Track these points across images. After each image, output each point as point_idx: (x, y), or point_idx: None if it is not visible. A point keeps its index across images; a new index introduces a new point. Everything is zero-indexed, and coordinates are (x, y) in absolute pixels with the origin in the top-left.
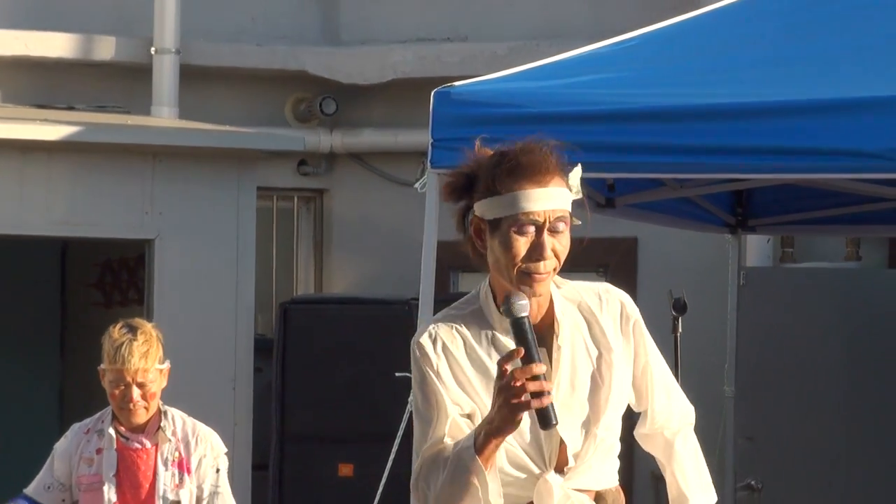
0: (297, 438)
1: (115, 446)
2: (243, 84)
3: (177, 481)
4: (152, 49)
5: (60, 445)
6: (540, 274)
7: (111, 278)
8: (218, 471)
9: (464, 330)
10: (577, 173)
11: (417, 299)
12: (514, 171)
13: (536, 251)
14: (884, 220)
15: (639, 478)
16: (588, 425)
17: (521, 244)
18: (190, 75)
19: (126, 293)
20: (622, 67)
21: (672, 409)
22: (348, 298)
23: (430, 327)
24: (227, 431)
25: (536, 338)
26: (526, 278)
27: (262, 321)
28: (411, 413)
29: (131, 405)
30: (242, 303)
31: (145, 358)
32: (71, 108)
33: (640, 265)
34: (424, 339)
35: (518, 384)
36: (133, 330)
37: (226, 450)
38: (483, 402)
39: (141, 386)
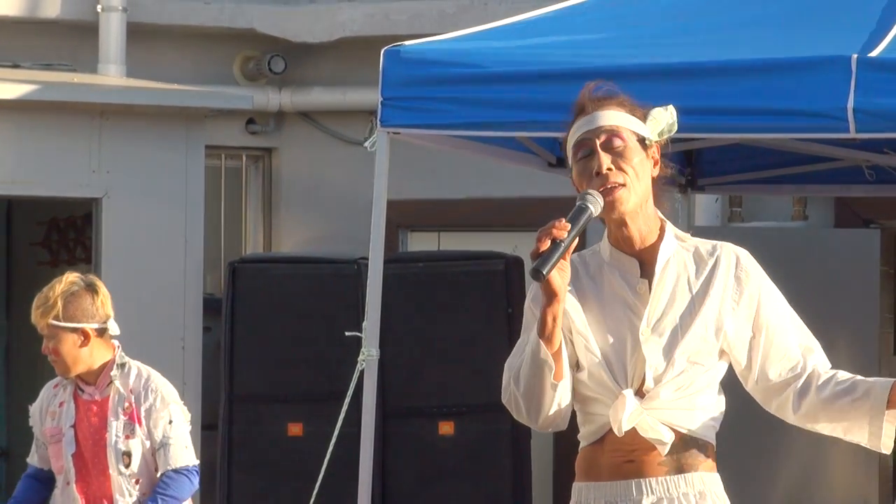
0: (246, 398)
1: (73, 399)
2: (191, 42)
3: (127, 432)
4: (99, 6)
5: (34, 405)
6: (606, 188)
7: (57, 237)
8: (171, 422)
9: (587, 260)
10: (657, 113)
11: (367, 258)
12: (573, 109)
13: (596, 169)
14: (830, 179)
15: None
16: (670, 351)
17: (583, 167)
18: (137, 33)
19: (73, 252)
20: (572, 29)
21: (808, 355)
22: (297, 257)
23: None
24: (176, 391)
25: (641, 267)
26: (605, 196)
27: (211, 280)
28: (361, 372)
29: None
30: (191, 262)
31: (37, 311)
32: (17, 66)
33: (591, 224)
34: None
35: (540, 233)
36: (54, 285)
37: (180, 401)
38: (572, 319)
39: (48, 338)
